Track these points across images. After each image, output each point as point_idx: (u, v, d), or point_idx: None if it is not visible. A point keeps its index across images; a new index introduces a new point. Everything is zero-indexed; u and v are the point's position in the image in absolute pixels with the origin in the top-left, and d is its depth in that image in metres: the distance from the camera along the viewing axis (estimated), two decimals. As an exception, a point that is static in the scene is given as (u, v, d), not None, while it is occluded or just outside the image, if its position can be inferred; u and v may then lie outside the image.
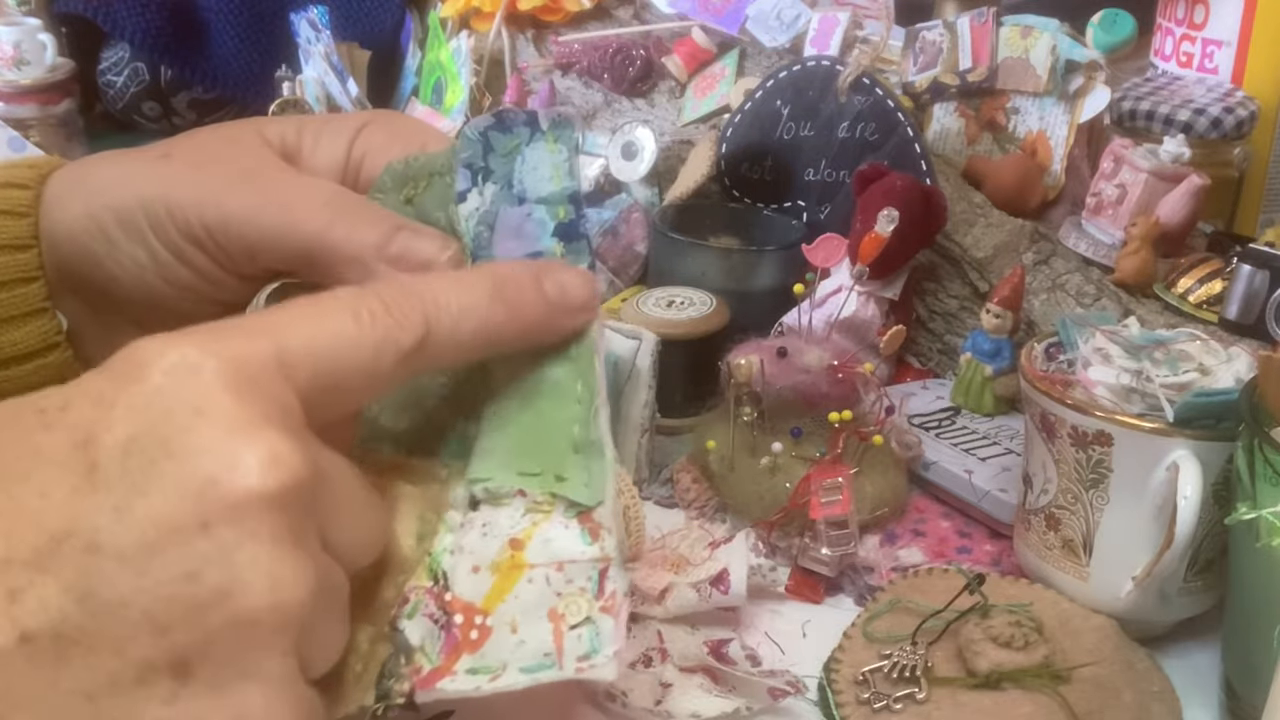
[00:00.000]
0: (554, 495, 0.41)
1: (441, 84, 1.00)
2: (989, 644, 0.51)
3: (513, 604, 0.39)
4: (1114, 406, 0.54)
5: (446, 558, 0.40)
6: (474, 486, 0.41)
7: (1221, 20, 0.84)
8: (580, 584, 0.40)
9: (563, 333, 0.41)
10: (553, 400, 0.42)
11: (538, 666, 0.39)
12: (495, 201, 0.45)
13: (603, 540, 0.40)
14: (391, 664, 0.39)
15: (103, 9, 1.08)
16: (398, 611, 0.40)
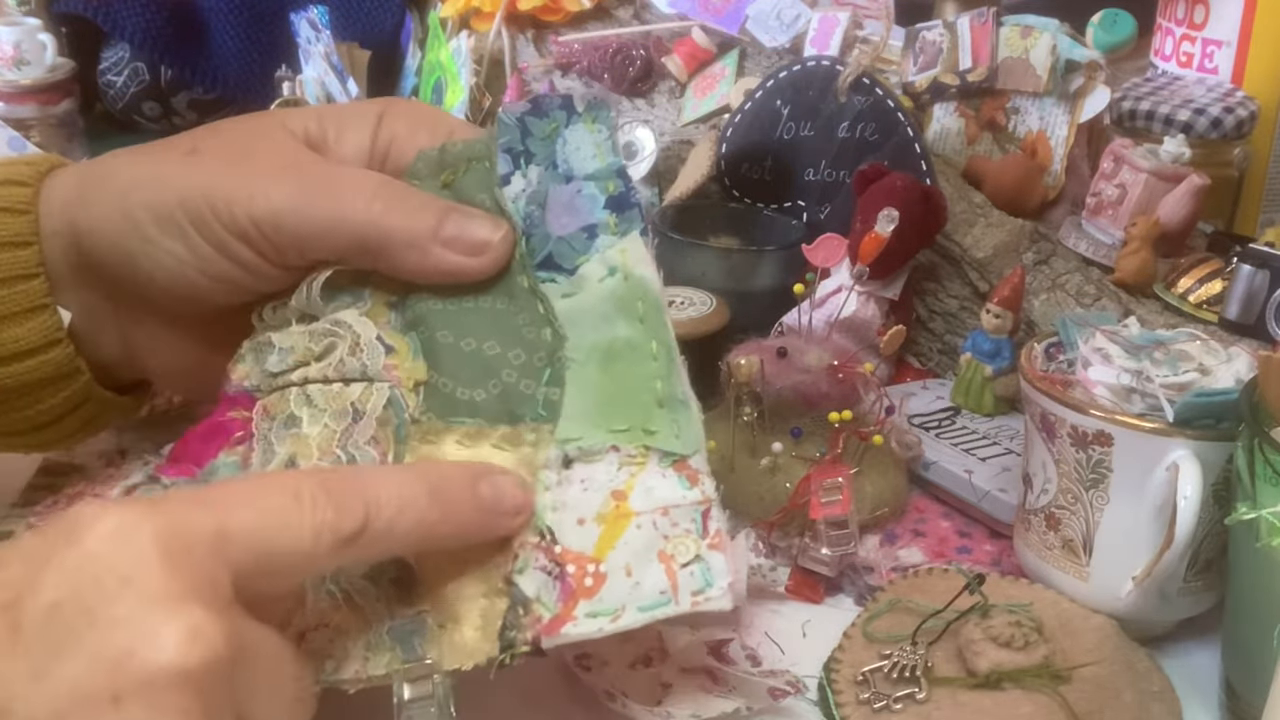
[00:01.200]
0: (646, 448, 0.43)
1: (441, 84, 1.00)
2: (989, 644, 0.51)
3: (623, 550, 0.41)
4: (1114, 406, 0.54)
5: (549, 514, 0.42)
6: (566, 446, 0.43)
7: (1221, 20, 0.84)
8: (685, 526, 0.42)
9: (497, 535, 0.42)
10: (630, 361, 0.45)
11: (655, 604, 0.41)
12: (542, 181, 0.47)
13: (702, 484, 0.43)
14: (511, 616, 0.40)
15: (103, 9, 1.08)
16: (509, 567, 0.41)
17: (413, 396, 0.46)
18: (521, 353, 0.46)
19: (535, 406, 0.45)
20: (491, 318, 0.47)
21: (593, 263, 0.47)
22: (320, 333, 0.47)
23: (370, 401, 0.46)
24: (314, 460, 0.45)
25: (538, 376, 0.45)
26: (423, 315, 0.47)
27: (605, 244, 0.47)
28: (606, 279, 0.46)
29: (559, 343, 0.46)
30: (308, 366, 0.47)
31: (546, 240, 0.47)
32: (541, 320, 0.46)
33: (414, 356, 0.46)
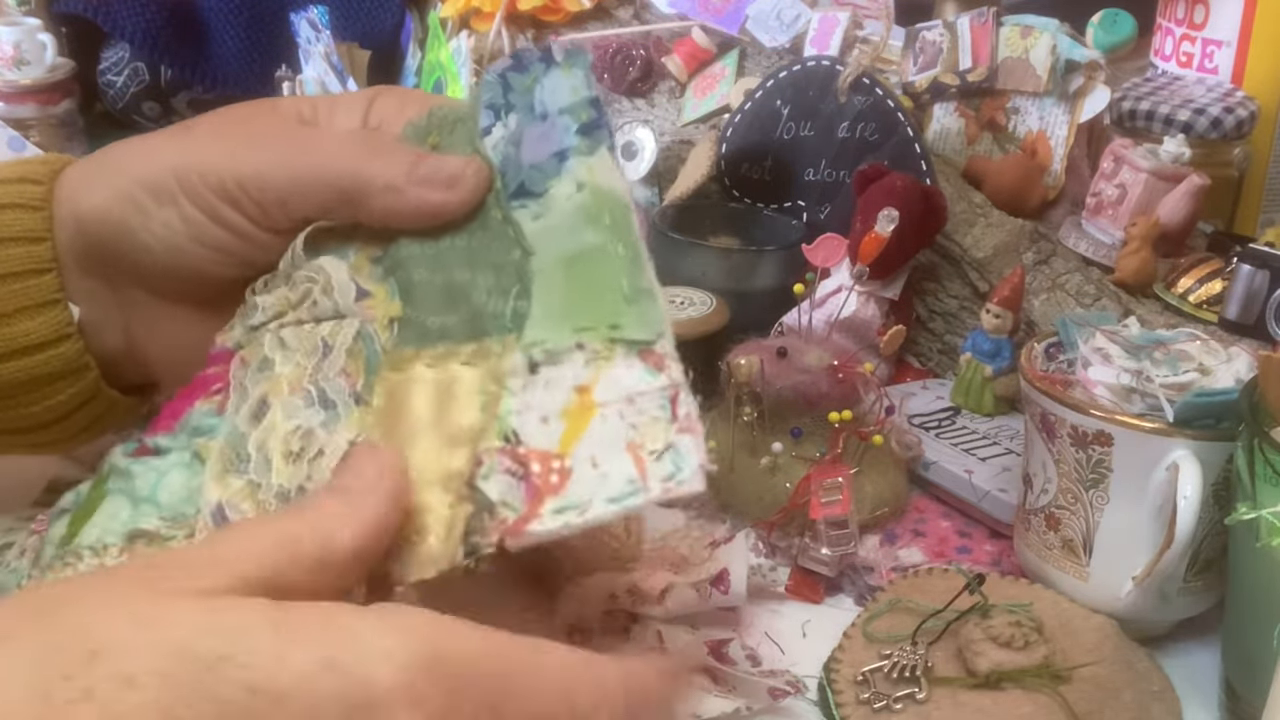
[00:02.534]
0: (612, 340, 0.42)
1: (441, 84, 1.00)
2: (989, 644, 0.51)
3: (589, 442, 0.40)
4: (1114, 406, 0.54)
5: (513, 418, 0.42)
6: (531, 350, 0.43)
7: (1221, 20, 0.84)
8: (653, 413, 0.41)
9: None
10: (595, 262, 0.44)
11: (623, 495, 0.40)
12: (519, 125, 0.48)
13: (668, 369, 0.42)
14: (475, 521, 0.40)
15: (103, 9, 1.08)
16: (472, 473, 0.41)
17: (386, 331, 0.46)
18: (491, 275, 0.46)
19: (503, 320, 0.44)
20: (466, 252, 0.47)
21: (561, 183, 0.47)
22: (298, 281, 0.48)
23: (340, 335, 0.46)
24: (284, 396, 0.45)
25: (506, 294, 0.45)
26: (401, 260, 0.48)
27: (574, 165, 0.47)
28: (575, 195, 0.46)
29: (526, 259, 0.45)
30: (284, 315, 0.48)
31: (519, 170, 0.47)
32: (511, 243, 0.46)
33: (390, 298, 0.47)
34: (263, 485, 0.44)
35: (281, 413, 0.45)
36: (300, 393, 0.45)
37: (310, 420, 0.44)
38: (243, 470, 0.44)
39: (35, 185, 0.50)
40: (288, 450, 0.44)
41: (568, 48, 0.48)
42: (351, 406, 0.45)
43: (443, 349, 0.44)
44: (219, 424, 0.46)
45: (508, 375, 0.43)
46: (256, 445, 0.45)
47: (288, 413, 0.45)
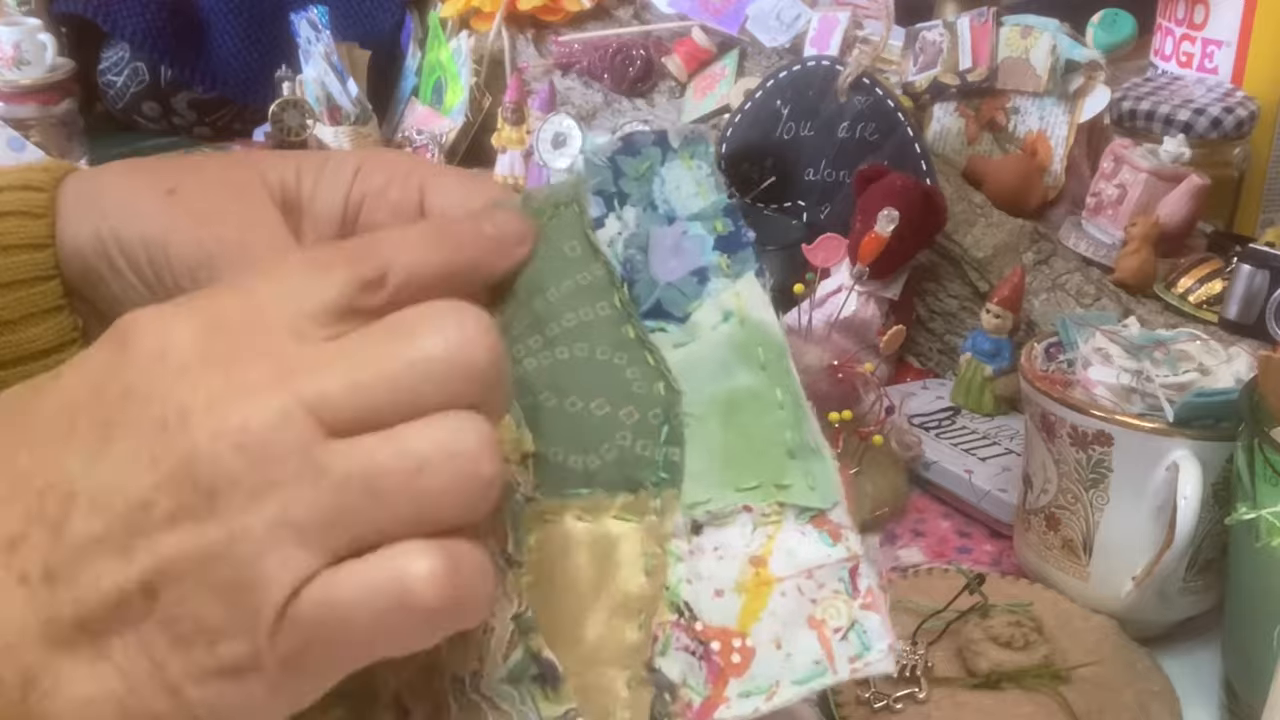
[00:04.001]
0: (781, 504, 0.40)
1: (441, 84, 1.00)
2: (989, 644, 0.51)
3: (770, 621, 0.39)
4: (1114, 406, 0.54)
5: (685, 588, 0.40)
6: (694, 511, 0.40)
7: (1221, 20, 0.84)
8: (834, 587, 0.39)
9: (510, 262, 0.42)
10: (754, 412, 0.42)
11: (810, 676, 0.38)
12: (641, 223, 0.45)
13: (845, 539, 0.40)
14: (659, 706, 0.38)
15: (103, 9, 1.08)
16: (650, 651, 0.39)
17: (523, 472, 0.42)
18: (634, 410, 0.42)
19: (655, 470, 0.41)
20: (596, 372, 0.43)
21: (705, 309, 0.43)
22: None
23: None
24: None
25: (655, 436, 0.42)
26: (523, 377, 0.44)
27: (718, 288, 0.44)
28: (721, 325, 0.43)
29: (675, 397, 0.42)
30: None
31: (653, 287, 0.44)
32: (654, 373, 0.43)
33: (518, 427, 0.43)
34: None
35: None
36: None
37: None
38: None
39: (38, 193, 0.50)
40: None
41: (685, 134, 0.45)
42: (504, 570, 0.41)
43: (590, 496, 0.41)
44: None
45: (670, 537, 0.40)
46: None
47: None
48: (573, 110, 0.95)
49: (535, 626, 0.40)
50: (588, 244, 0.44)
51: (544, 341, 0.44)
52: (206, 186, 0.51)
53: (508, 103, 0.95)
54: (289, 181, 0.51)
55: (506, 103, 0.95)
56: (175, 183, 0.51)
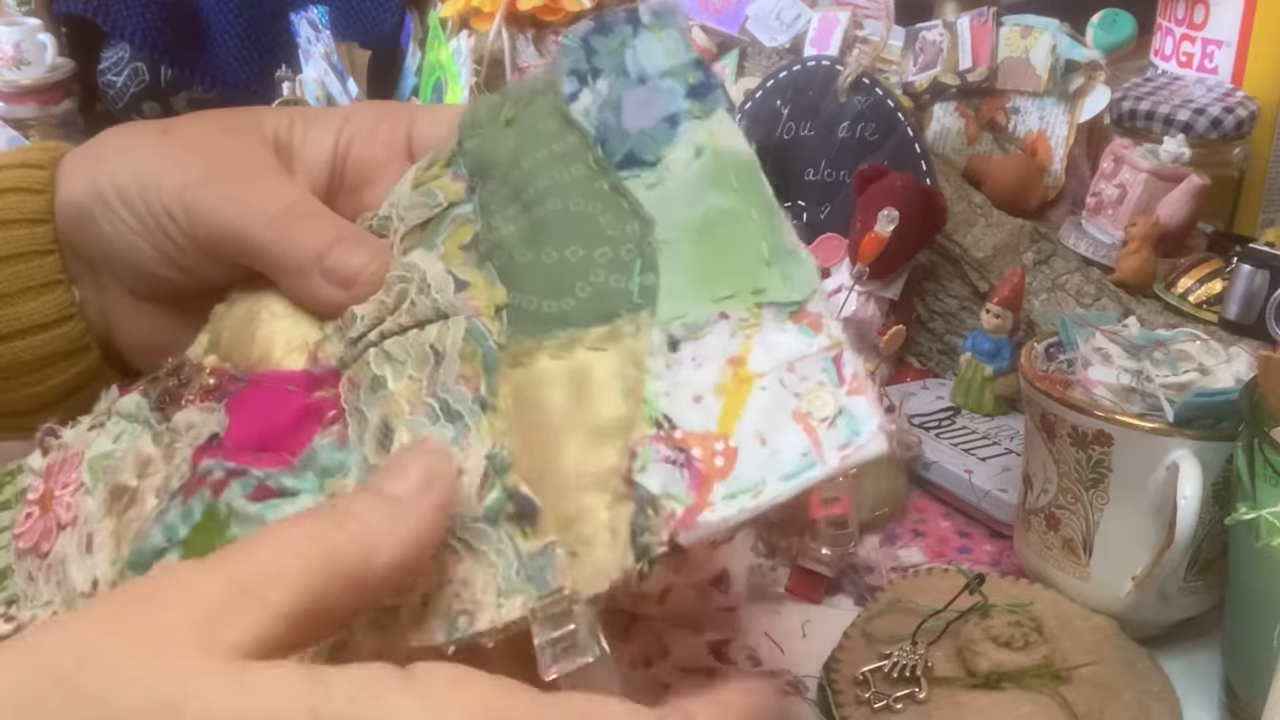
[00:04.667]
0: (758, 305, 0.39)
1: (441, 84, 1.00)
2: (989, 644, 0.51)
3: (752, 417, 0.37)
4: (1114, 406, 0.54)
5: (661, 401, 0.38)
6: (670, 327, 0.39)
7: (1221, 20, 0.84)
8: (818, 378, 0.37)
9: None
10: (727, 227, 0.41)
11: (798, 470, 0.36)
12: (614, 90, 0.44)
13: (827, 328, 0.38)
14: (639, 519, 0.36)
15: (103, 9, 1.08)
16: (628, 467, 0.37)
17: (495, 322, 0.42)
18: (608, 249, 0.41)
19: (630, 298, 0.40)
20: (570, 223, 0.42)
21: (677, 149, 0.43)
22: (391, 282, 0.45)
23: (449, 338, 0.42)
24: (405, 416, 0.41)
25: (628, 269, 0.41)
26: (497, 242, 0.43)
27: (689, 129, 0.43)
28: (693, 161, 0.43)
29: (647, 228, 0.41)
30: (383, 322, 0.44)
31: (625, 139, 0.43)
32: (627, 215, 0.42)
33: (490, 285, 0.43)
34: None
35: (408, 435, 0.41)
36: (421, 408, 0.41)
37: (440, 438, 0.40)
38: None
39: (38, 170, 0.51)
40: None
41: (655, 8, 0.44)
42: (479, 414, 0.40)
43: (565, 336, 0.40)
44: (346, 458, 0.42)
45: (646, 355, 0.39)
46: None
47: (415, 434, 0.41)
48: (573, 110, 0.95)
49: (509, 466, 0.39)
50: (561, 118, 0.44)
51: (521, 207, 0.44)
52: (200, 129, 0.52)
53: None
54: (282, 130, 0.51)
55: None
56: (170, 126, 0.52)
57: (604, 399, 0.38)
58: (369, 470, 0.41)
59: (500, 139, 0.46)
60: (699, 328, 0.39)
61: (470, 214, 0.45)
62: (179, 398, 0.47)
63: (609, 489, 0.37)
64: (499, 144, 0.46)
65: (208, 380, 0.47)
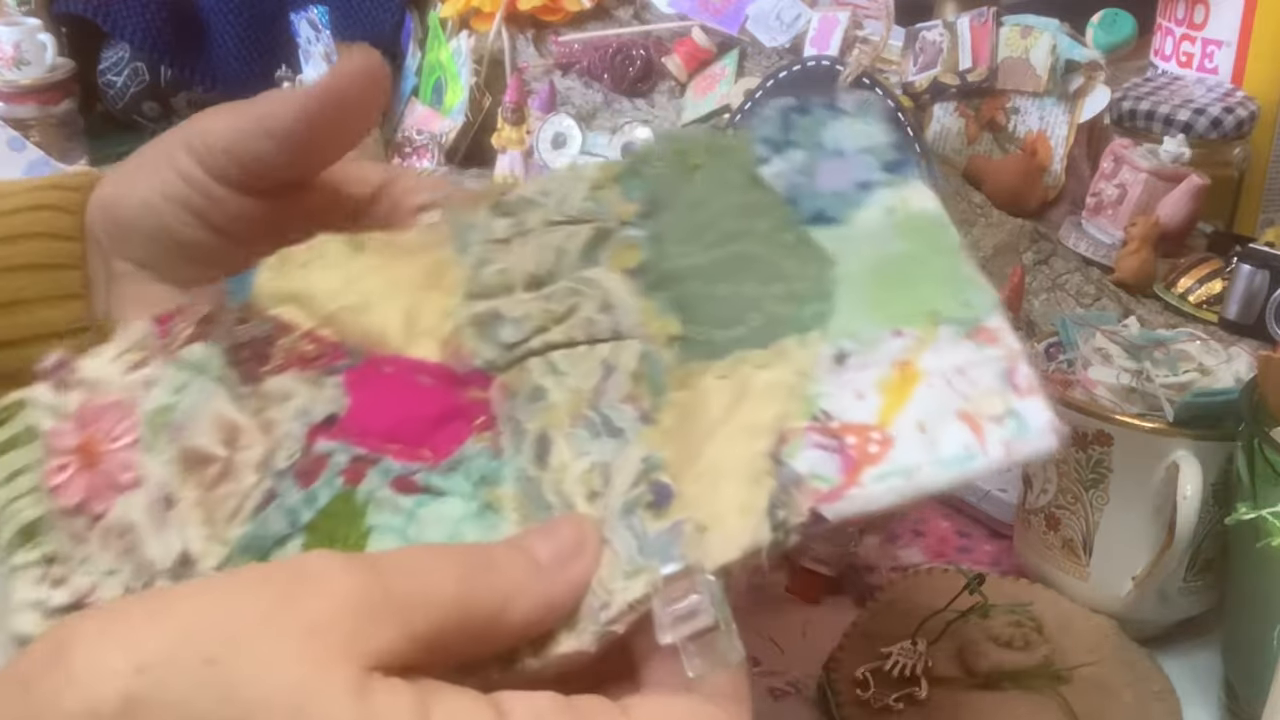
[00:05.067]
0: (934, 324, 0.39)
1: (441, 84, 1.00)
2: (989, 644, 0.51)
3: (914, 409, 0.37)
4: (1114, 406, 0.54)
5: (822, 400, 0.38)
6: (841, 342, 0.39)
7: (1221, 20, 0.84)
8: (987, 383, 0.37)
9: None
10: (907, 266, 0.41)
11: (958, 459, 0.36)
12: (809, 159, 0.45)
13: (1002, 341, 0.38)
14: (779, 496, 0.36)
15: (103, 9, 1.08)
16: (776, 451, 0.37)
17: (667, 352, 0.42)
18: (785, 285, 0.42)
19: (802, 324, 0.41)
20: (749, 264, 0.43)
21: (865, 210, 0.43)
22: (561, 294, 0.44)
23: (623, 356, 0.41)
24: (565, 429, 0.41)
25: (801, 300, 0.41)
26: (671, 273, 0.44)
27: (881, 195, 0.44)
28: (883, 218, 0.43)
29: (826, 267, 0.42)
30: (547, 331, 0.43)
31: (815, 198, 0.44)
32: (810, 258, 0.42)
33: (661, 314, 0.42)
34: None
35: (569, 449, 0.40)
36: (582, 422, 0.41)
37: (603, 453, 0.40)
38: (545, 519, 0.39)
39: (72, 192, 0.52)
40: (590, 491, 0.39)
41: (860, 99, 0.45)
42: (639, 428, 0.40)
43: (733, 359, 0.41)
44: (501, 468, 0.41)
45: (812, 366, 0.39)
46: (553, 490, 0.40)
47: (575, 448, 0.40)
48: (573, 110, 0.95)
49: (661, 465, 0.39)
50: (751, 176, 0.45)
51: (701, 246, 0.44)
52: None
53: (508, 103, 0.94)
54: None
55: (506, 103, 0.95)
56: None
57: (763, 402, 0.39)
58: (526, 484, 0.40)
59: (682, 180, 0.46)
60: (870, 342, 0.39)
61: (639, 239, 0.45)
62: (264, 358, 0.44)
63: (752, 469, 0.37)
64: (680, 184, 0.46)
65: (304, 346, 0.44)
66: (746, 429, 0.39)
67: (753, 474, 0.37)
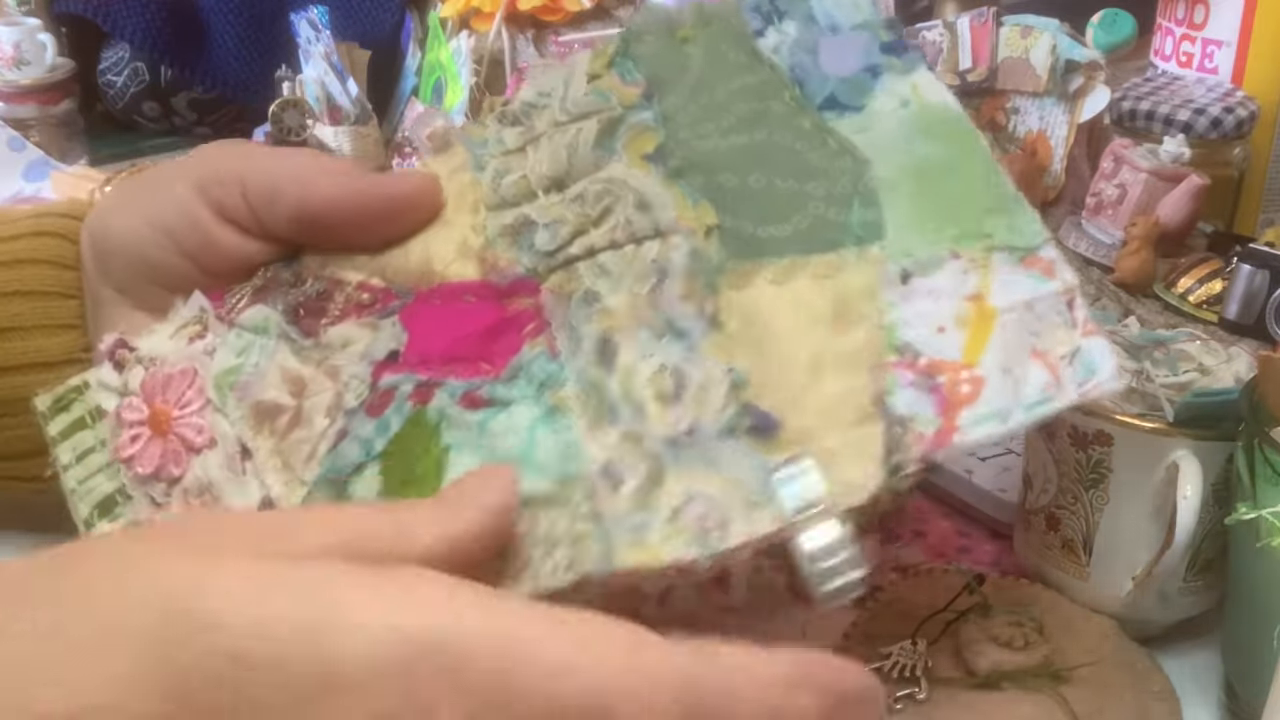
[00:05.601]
0: (988, 249, 0.40)
1: (441, 84, 1.00)
2: (989, 644, 0.51)
3: (996, 350, 0.38)
4: (1114, 406, 0.54)
5: (901, 331, 0.39)
6: (903, 261, 0.40)
7: (1221, 20, 0.84)
8: (1052, 319, 0.39)
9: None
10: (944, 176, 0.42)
11: (1040, 401, 0.38)
12: (804, 33, 0.45)
13: (1059, 273, 0.40)
14: (890, 439, 0.37)
15: (103, 9, 1.08)
16: (876, 390, 0.38)
17: (710, 244, 0.42)
18: (821, 184, 0.42)
19: (851, 231, 0.41)
20: (777, 155, 0.43)
21: (880, 98, 0.44)
22: (592, 196, 0.44)
23: (672, 255, 0.42)
24: (628, 332, 0.41)
25: (847, 204, 0.42)
26: (696, 160, 0.44)
27: (891, 81, 0.44)
28: (900, 110, 0.44)
29: (862, 167, 0.42)
30: (586, 235, 0.43)
31: (825, 82, 0.44)
32: (837, 152, 0.43)
33: (692, 204, 0.43)
34: (645, 436, 0.39)
35: (636, 351, 0.41)
36: (645, 324, 0.41)
37: (671, 355, 0.40)
38: (614, 421, 0.39)
39: (74, 220, 0.52)
40: (659, 393, 0.39)
41: None
42: (707, 332, 0.40)
43: (785, 261, 0.41)
44: (561, 370, 0.41)
45: (880, 286, 0.40)
46: (621, 392, 0.40)
47: (643, 350, 0.40)
48: (573, 110, 0.95)
49: (747, 382, 0.39)
50: (751, 51, 0.45)
51: (717, 129, 0.44)
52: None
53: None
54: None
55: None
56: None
57: (842, 327, 0.39)
58: (590, 386, 0.40)
59: (675, 55, 0.46)
60: (930, 265, 0.40)
61: (651, 122, 0.45)
62: (321, 312, 0.45)
63: (855, 408, 0.38)
64: (675, 60, 0.46)
65: (359, 295, 0.45)
66: (836, 357, 0.39)
67: (860, 414, 0.38)
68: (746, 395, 0.39)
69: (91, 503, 0.45)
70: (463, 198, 0.46)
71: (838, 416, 0.38)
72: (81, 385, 0.47)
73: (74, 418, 0.46)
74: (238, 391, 0.44)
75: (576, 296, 0.42)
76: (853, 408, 0.38)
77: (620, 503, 0.38)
